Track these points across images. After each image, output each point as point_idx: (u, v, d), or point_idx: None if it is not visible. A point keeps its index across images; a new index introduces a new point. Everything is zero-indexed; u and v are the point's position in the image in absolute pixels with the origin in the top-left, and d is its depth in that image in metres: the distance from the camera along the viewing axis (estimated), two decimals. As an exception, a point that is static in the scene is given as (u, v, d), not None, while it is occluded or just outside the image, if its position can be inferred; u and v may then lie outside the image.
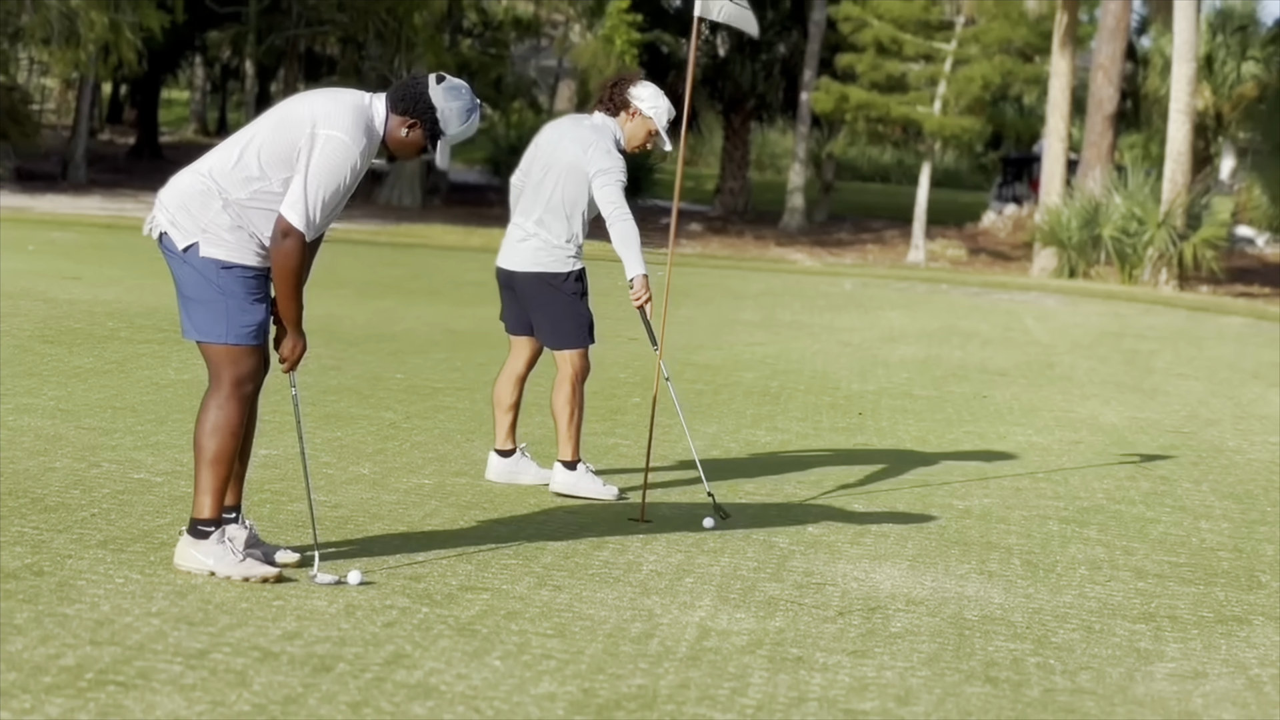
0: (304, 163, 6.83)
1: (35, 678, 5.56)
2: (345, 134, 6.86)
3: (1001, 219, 44.40)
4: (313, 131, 6.85)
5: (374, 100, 7.05)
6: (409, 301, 19.54)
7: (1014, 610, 7.57)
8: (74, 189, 37.83)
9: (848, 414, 13.27)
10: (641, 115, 9.45)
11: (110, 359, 13.07)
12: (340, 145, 6.85)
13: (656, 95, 9.52)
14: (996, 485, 10.63)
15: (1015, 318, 23.02)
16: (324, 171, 6.83)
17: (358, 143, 6.88)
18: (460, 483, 9.45)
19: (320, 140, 6.84)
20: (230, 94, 67.26)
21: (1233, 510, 10.39)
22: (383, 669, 5.98)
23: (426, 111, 7.02)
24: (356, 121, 6.91)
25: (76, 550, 7.22)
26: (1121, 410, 14.42)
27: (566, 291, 9.34)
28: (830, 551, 8.44)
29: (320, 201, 6.84)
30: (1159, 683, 6.63)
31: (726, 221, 42.50)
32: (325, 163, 6.83)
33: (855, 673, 6.43)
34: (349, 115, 6.91)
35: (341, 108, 6.94)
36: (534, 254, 9.37)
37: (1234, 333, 23.29)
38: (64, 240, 24.58)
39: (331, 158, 6.83)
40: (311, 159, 6.82)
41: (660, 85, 9.85)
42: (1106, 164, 33.64)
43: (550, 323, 9.40)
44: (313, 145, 6.83)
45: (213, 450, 6.94)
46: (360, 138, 6.90)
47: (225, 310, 6.90)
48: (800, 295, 24.52)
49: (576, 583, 7.43)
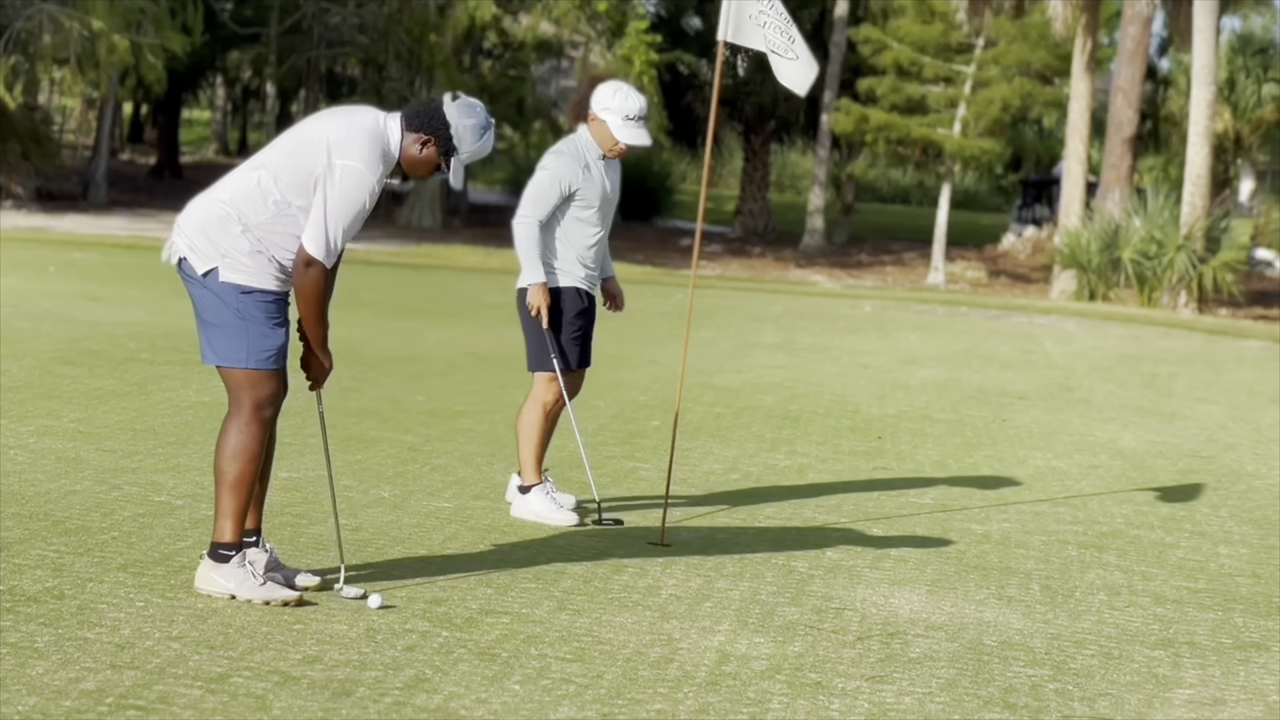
0: (322, 194, 6.85)
1: (56, 702, 5.58)
2: (362, 163, 6.88)
3: (1021, 241, 44.39)
4: (329, 161, 6.86)
5: (388, 120, 7.07)
6: (429, 323, 19.58)
7: (1033, 636, 7.57)
8: (95, 209, 37.95)
9: (867, 438, 13.27)
10: (598, 119, 9.24)
11: (131, 381, 13.11)
12: (357, 175, 6.87)
13: (612, 94, 9.22)
14: (1015, 510, 10.63)
15: (1034, 341, 23.01)
16: (343, 203, 6.86)
17: (374, 170, 6.91)
18: (480, 506, 9.47)
19: (337, 171, 6.86)
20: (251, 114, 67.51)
21: (1251, 535, 10.38)
22: (403, 693, 6.00)
23: (441, 128, 7.04)
24: (372, 147, 6.93)
25: (97, 573, 7.24)
26: (1140, 434, 14.40)
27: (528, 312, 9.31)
28: (849, 576, 8.45)
29: (340, 231, 6.88)
30: (1177, 709, 6.63)
31: (746, 243, 42.53)
32: (343, 194, 6.86)
33: (874, 698, 6.44)
34: (364, 141, 6.92)
35: (356, 134, 6.95)
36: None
37: (1253, 356, 23.25)
38: (85, 261, 24.66)
39: (350, 189, 6.86)
40: (329, 191, 6.85)
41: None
42: (1126, 186, 33.63)
43: (526, 343, 9.39)
44: (330, 175, 6.86)
45: (233, 475, 6.96)
46: (376, 165, 6.92)
47: (246, 335, 6.92)
48: (820, 317, 24.53)
49: (596, 607, 7.44)
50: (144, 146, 61.82)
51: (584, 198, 9.27)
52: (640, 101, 9.22)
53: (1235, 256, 30.77)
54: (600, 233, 9.37)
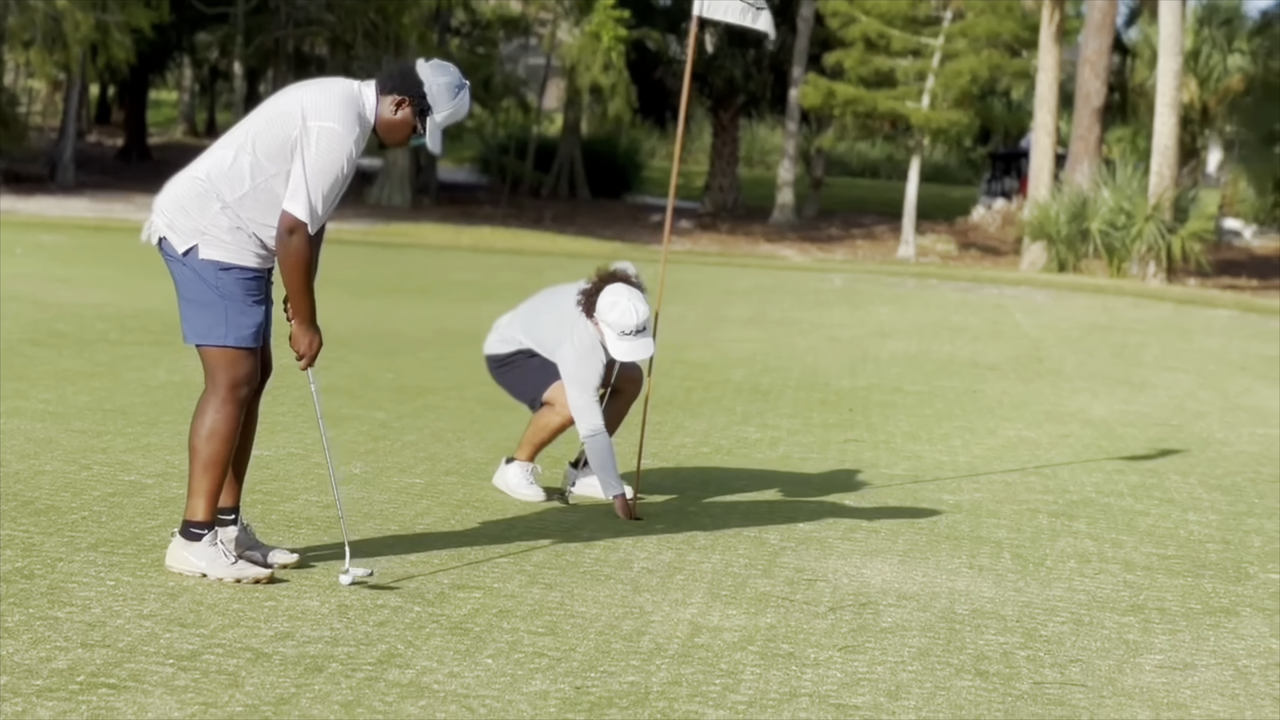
0: (301, 157, 6.83)
1: (27, 681, 5.57)
2: (338, 123, 6.86)
3: (991, 214, 44.45)
4: (304, 125, 6.85)
5: (363, 87, 7.06)
6: (399, 301, 19.56)
7: (1004, 604, 7.60)
8: (62, 191, 37.82)
9: (838, 410, 13.29)
10: (599, 325, 8.92)
11: (100, 361, 13.08)
12: (334, 135, 6.85)
13: (610, 306, 8.87)
14: (986, 480, 10.66)
15: (1005, 312, 23.05)
16: (321, 163, 6.83)
17: (351, 131, 6.89)
18: (451, 482, 9.46)
19: (314, 133, 6.84)
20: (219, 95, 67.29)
21: (1220, 502, 10.42)
22: (375, 668, 6.00)
23: (414, 88, 7.02)
24: (347, 110, 6.91)
25: (67, 553, 7.23)
26: (1110, 403, 14.45)
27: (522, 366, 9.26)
28: (821, 547, 8.46)
29: (321, 193, 6.84)
30: (1148, 674, 6.65)
31: (716, 218, 42.51)
32: (322, 154, 6.83)
33: (846, 668, 6.46)
34: (339, 104, 6.91)
35: (331, 97, 6.94)
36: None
37: (1221, 325, 23.33)
38: (52, 243, 24.58)
39: (327, 149, 6.84)
40: (308, 152, 6.83)
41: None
42: (1094, 158, 33.68)
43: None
44: (307, 138, 6.84)
45: (208, 454, 6.94)
46: (353, 126, 6.90)
47: (224, 312, 6.89)
48: (790, 291, 24.55)
49: (568, 581, 7.44)
50: (111, 128, 61.57)
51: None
52: (638, 314, 8.85)
53: (1203, 226, 30.84)
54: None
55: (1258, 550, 9.15)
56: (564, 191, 47.66)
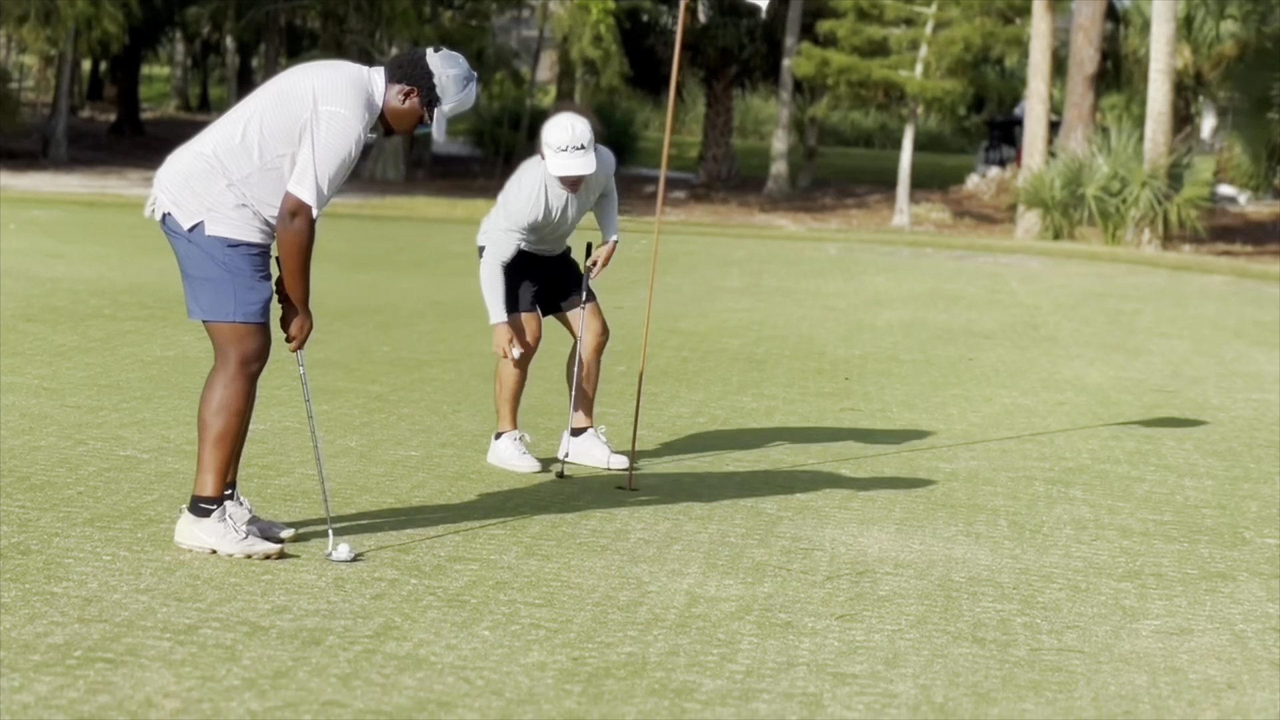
0: (309, 141, 6.84)
1: (24, 656, 5.57)
2: (347, 109, 6.87)
3: (985, 182, 44.37)
4: (315, 108, 6.86)
5: (372, 74, 7.07)
6: (394, 274, 19.54)
7: (1001, 571, 7.60)
8: (55, 166, 37.72)
9: (833, 379, 13.29)
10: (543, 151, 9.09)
11: (94, 337, 13.06)
12: (343, 121, 6.86)
13: (549, 126, 9.01)
14: (982, 448, 10.66)
15: (1000, 280, 23.04)
16: (330, 148, 6.84)
17: (360, 117, 6.90)
18: (447, 454, 9.46)
19: (324, 117, 6.85)
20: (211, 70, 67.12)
21: (1216, 468, 10.42)
22: (372, 641, 6.00)
23: (424, 79, 7.03)
24: (357, 95, 6.92)
25: (63, 528, 7.22)
26: (1106, 370, 14.45)
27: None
28: (818, 516, 8.46)
29: (328, 178, 6.86)
30: (1144, 640, 6.66)
31: (710, 188, 42.44)
32: (331, 140, 6.84)
33: (843, 636, 6.46)
34: (349, 89, 6.92)
35: (341, 82, 6.94)
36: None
37: (1216, 291, 23.33)
38: (46, 218, 24.53)
39: (337, 134, 6.85)
40: (317, 137, 6.83)
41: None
42: (1088, 125, 33.62)
43: None
44: (317, 122, 6.84)
45: (217, 429, 6.94)
46: (362, 112, 6.92)
47: (232, 288, 6.89)
48: (785, 261, 24.53)
49: (564, 552, 7.44)
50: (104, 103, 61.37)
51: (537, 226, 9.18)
52: (574, 130, 8.94)
53: (1198, 193, 30.80)
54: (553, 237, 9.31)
55: (1254, 515, 9.16)
56: (558, 163, 47.57)
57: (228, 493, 7.08)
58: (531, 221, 9.10)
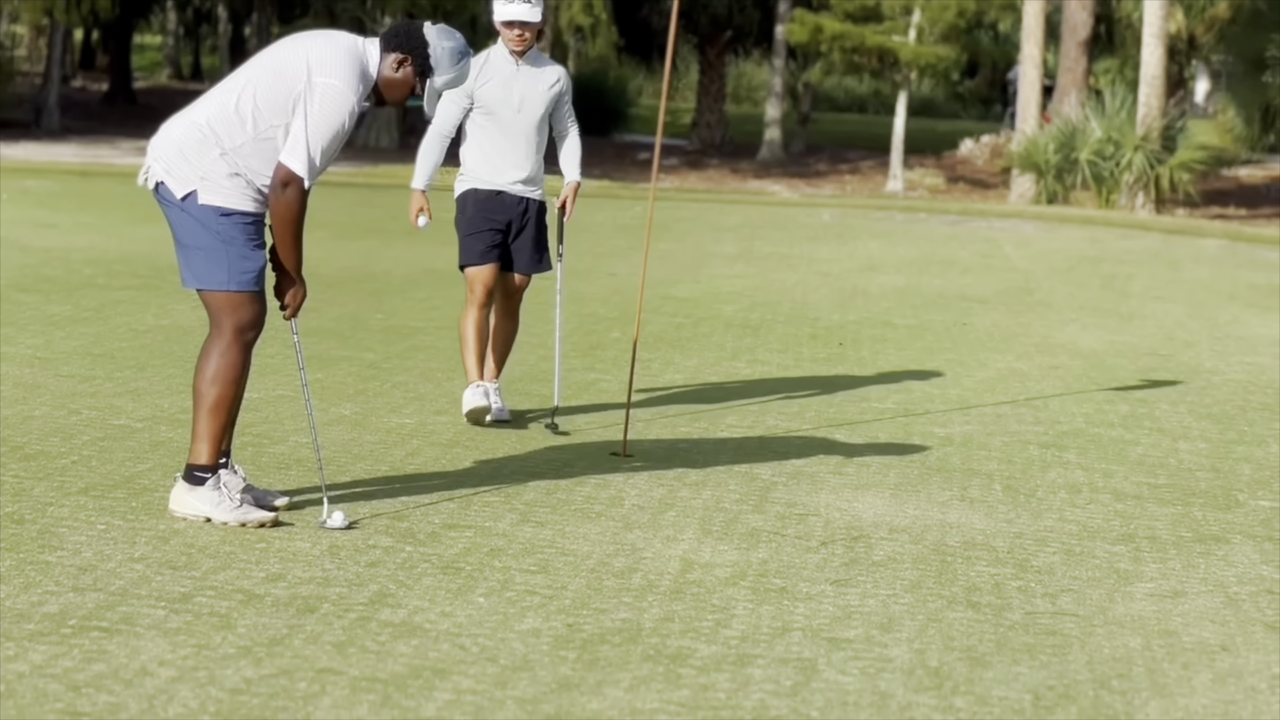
0: (303, 112, 6.83)
1: (18, 625, 5.57)
2: (342, 81, 6.87)
3: (979, 147, 44.32)
4: (309, 79, 6.85)
5: (367, 44, 7.06)
6: (388, 242, 19.51)
7: (995, 535, 7.61)
8: (48, 136, 37.64)
9: (828, 344, 13.29)
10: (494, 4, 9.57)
11: (87, 306, 13.05)
12: (338, 93, 6.86)
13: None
14: (977, 412, 10.66)
15: (994, 245, 23.03)
16: (323, 120, 6.84)
17: (355, 90, 6.90)
18: (441, 421, 9.46)
19: (318, 89, 6.85)
20: (203, 38, 66.97)
21: (1210, 431, 10.43)
22: (367, 608, 6.00)
23: (419, 48, 7.03)
24: (352, 67, 6.92)
25: (57, 498, 7.22)
26: (1100, 334, 14.45)
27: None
28: (812, 482, 8.47)
29: (320, 149, 6.86)
30: (1138, 603, 6.67)
31: (704, 155, 42.38)
32: (325, 111, 6.84)
33: (838, 601, 6.47)
34: (345, 61, 6.91)
35: (336, 53, 6.93)
36: None
37: (1210, 255, 23.32)
38: (38, 188, 24.49)
39: (331, 105, 6.84)
40: (311, 108, 6.83)
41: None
42: (1082, 89, 33.57)
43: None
44: (311, 94, 6.84)
45: (213, 398, 6.94)
46: (356, 83, 6.91)
47: (226, 257, 6.89)
48: (779, 227, 24.51)
49: (559, 519, 7.45)
50: (96, 73, 61.20)
51: (483, 103, 9.48)
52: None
53: (1192, 156, 30.78)
54: (506, 143, 9.56)
55: (1247, 478, 9.17)
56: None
57: (222, 461, 7.07)
58: (475, 83, 9.37)
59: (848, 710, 5.30)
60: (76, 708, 4.91)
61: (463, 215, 9.69)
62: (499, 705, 5.16)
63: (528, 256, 9.63)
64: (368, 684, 5.26)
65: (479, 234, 9.59)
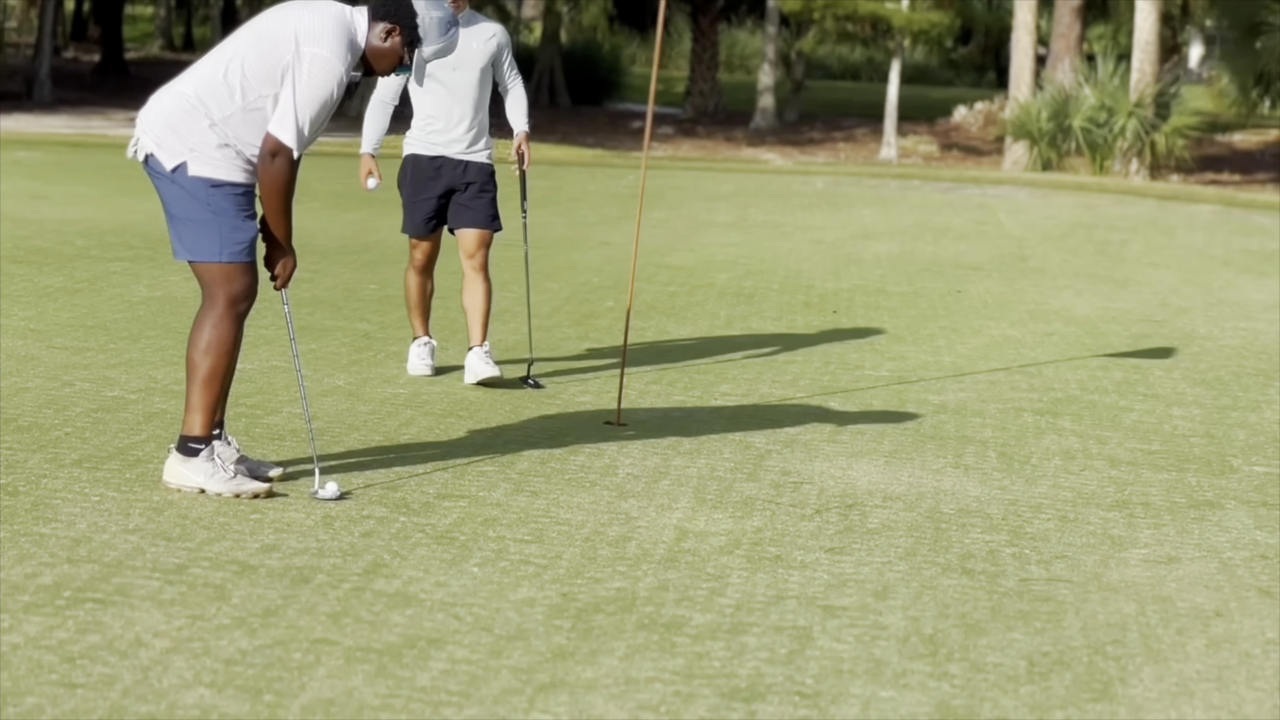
0: (291, 83, 6.82)
1: (13, 597, 5.57)
2: (330, 51, 6.86)
3: (973, 113, 44.30)
4: (297, 50, 6.84)
5: (355, 13, 7.04)
6: (380, 213, 19.45)
7: (989, 502, 7.61)
8: (39, 108, 37.57)
9: (822, 312, 13.28)
10: None
11: (81, 278, 13.03)
12: (326, 64, 6.85)
13: None
14: (971, 379, 10.66)
15: (988, 212, 23.01)
16: (311, 90, 6.83)
17: (343, 60, 6.89)
18: (435, 391, 9.46)
19: (306, 59, 6.83)
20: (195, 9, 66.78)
21: (1204, 397, 10.43)
22: (361, 579, 6.00)
23: (407, 17, 7.02)
24: (340, 37, 6.90)
25: (51, 469, 7.22)
26: (1094, 301, 14.45)
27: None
28: (807, 450, 8.47)
29: (309, 119, 6.86)
30: (1133, 569, 6.68)
31: (697, 123, 42.33)
32: (313, 81, 6.83)
33: (833, 569, 6.47)
34: (332, 30, 6.90)
35: (324, 23, 6.91)
36: None
37: (1204, 221, 23.30)
38: (30, 160, 24.44)
39: (319, 76, 6.84)
40: (299, 79, 6.82)
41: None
42: (1075, 55, 33.54)
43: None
44: (299, 64, 6.82)
45: (206, 369, 6.94)
46: (345, 53, 6.91)
47: (217, 229, 6.88)
48: (772, 195, 24.48)
49: (553, 488, 7.45)
50: (87, 44, 61.07)
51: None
52: None
53: (1186, 122, 30.76)
54: (443, 101, 9.81)
55: (1241, 443, 9.18)
56: (544, 99, 47.43)
57: (216, 432, 7.07)
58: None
59: (843, 678, 5.31)
60: (71, 679, 4.92)
61: (404, 182, 9.98)
62: (494, 674, 5.17)
63: (475, 215, 9.85)
64: (362, 654, 5.27)
65: (418, 203, 9.90)
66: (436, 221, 9.89)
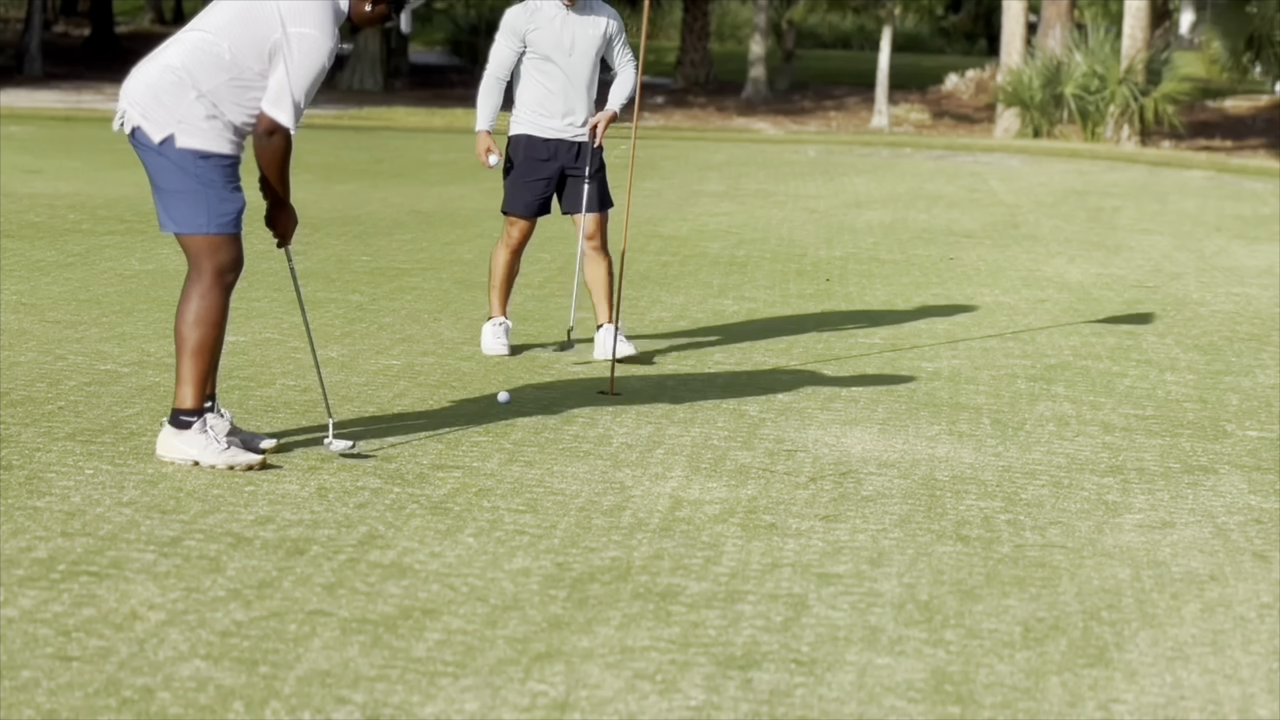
0: (282, 63, 6.82)
1: (8, 570, 5.57)
2: (317, 29, 6.88)
3: (964, 81, 44.25)
4: (284, 30, 6.84)
5: None
6: (373, 184, 19.45)
7: (984, 469, 7.61)
8: (30, 82, 37.50)
9: (815, 280, 13.28)
10: None
11: (73, 252, 13.01)
12: (313, 41, 6.86)
13: None
14: (965, 346, 10.66)
15: (980, 179, 23.00)
16: (303, 70, 6.87)
17: (330, 35, 6.91)
18: (428, 362, 9.45)
19: (294, 39, 6.84)
20: (184, -19, 66.55)
21: (1198, 362, 10.44)
22: (356, 550, 6.00)
23: None
24: (324, 11, 6.90)
25: (45, 443, 7.21)
26: (1086, 267, 14.45)
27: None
28: (801, 418, 8.47)
29: (303, 94, 6.91)
30: (1127, 534, 6.68)
31: (688, 93, 42.28)
32: (304, 61, 6.86)
33: (828, 537, 6.47)
34: (315, 6, 6.89)
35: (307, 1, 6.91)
36: None
37: (1196, 186, 23.30)
38: (21, 134, 24.40)
39: (309, 56, 6.86)
40: (290, 60, 6.83)
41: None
42: (1066, 22, 33.50)
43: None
44: (287, 44, 6.83)
45: (195, 341, 6.92)
46: (331, 28, 6.93)
47: (205, 200, 6.87)
48: (764, 164, 24.46)
49: (547, 458, 7.44)
50: (78, 18, 60.93)
51: (536, 48, 9.71)
52: None
53: (1176, 88, 30.75)
54: (559, 85, 9.78)
55: (1235, 408, 9.18)
56: (535, 70, 47.41)
57: (208, 405, 7.06)
58: (527, 29, 9.67)
59: (838, 645, 5.31)
60: (66, 652, 4.91)
61: (514, 160, 9.86)
62: (489, 644, 5.17)
63: (592, 198, 9.86)
64: (358, 625, 5.27)
65: (528, 184, 9.83)
66: (541, 204, 9.87)
